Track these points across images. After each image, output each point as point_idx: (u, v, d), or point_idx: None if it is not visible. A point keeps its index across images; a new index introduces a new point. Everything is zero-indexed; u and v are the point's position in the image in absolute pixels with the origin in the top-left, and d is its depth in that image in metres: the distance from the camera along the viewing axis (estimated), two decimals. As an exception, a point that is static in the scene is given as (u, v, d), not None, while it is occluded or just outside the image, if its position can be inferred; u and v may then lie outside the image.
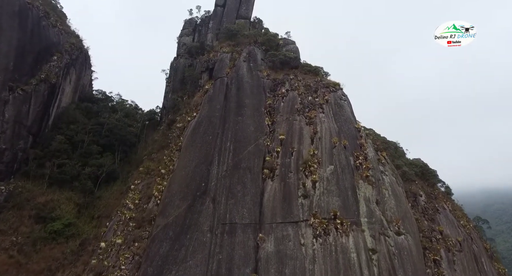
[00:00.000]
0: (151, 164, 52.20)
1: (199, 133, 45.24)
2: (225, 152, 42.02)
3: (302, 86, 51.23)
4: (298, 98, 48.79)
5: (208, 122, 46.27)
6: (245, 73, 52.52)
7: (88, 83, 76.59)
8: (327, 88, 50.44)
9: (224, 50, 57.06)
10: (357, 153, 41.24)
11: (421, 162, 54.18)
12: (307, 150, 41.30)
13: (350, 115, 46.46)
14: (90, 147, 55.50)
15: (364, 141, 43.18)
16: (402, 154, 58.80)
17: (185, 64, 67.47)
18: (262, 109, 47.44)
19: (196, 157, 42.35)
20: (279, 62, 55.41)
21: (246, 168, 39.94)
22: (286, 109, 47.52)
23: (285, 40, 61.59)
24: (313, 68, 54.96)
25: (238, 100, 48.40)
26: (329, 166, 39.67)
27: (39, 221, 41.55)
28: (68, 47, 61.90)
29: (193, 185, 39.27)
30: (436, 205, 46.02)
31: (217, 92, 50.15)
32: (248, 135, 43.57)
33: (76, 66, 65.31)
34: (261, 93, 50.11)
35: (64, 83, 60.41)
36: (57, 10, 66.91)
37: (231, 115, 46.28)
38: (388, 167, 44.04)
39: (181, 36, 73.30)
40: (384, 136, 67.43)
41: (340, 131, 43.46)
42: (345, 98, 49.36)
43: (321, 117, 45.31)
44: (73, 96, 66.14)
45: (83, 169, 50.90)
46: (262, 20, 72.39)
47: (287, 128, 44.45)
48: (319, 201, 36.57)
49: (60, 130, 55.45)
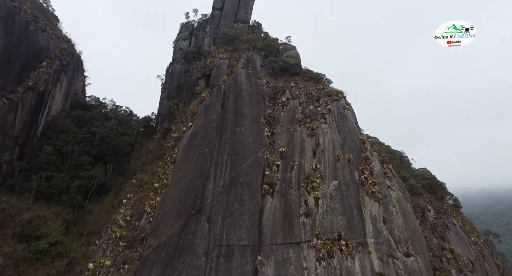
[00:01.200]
0: (144, 176, 50.27)
1: (195, 146, 43.24)
2: (222, 165, 40.03)
3: (304, 95, 49.37)
4: (299, 108, 46.90)
5: (204, 134, 44.29)
6: (243, 81, 50.64)
7: (81, 89, 74.55)
8: (329, 97, 48.58)
9: (221, 56, 55.20)
10: (362, 166, 39.27)
11: (429, 174, 52.25)
12: (309, 164, 39.35)
13: (354, 126, 44.53)
14: (81, 157, 53.40)
15: (369, 154, 41.21)
16: (408, 164, 56.88)
17: (181, 70, 65.63)
18: (261, 119, 45.51)
19: (191, 171, 40.35)
20: (279, 68, 53.58)
21: (244, 183, 37.92)
22: (287, 119, 45.62)
23: (285, 46, 59.77)
24: (315, 75, 53.11)
25: (236, 109, 46.47)
26: (333, 181, 37.70)
27: (23, 239, 39.40)
28: (59, 53, 59.92)
29: (187, 202, 37.24)
30: (445, 220, 44.04)
31: (214, 101, 48.22)
32: (246, 148, 41.59)
33: (67, 72, 63.34)
34: (260, 102, 48.19)
35: (54, 90, 58.41)
36: (47, 13, 65.09)
37: (229, 126, 44.33)
38: (395, 181, 42.08)
39: (177, 41, 71.57)
40: (389, 145, 65.67)
41: (344, 144, 41.51)
42: (349, 108, 47.44)
43: (324, 128, 43.39)
44: (64, 103, 64.10)
45: (72, 182, 48.80)
46: (262, 24, 70.86)
47: (288, 140, 42.51)
48: (322, 220, 34.54)
49: (49, 141, 53.39)
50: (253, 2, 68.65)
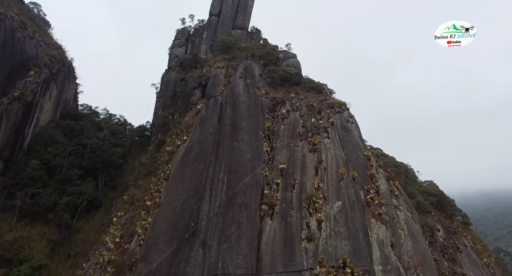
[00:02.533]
0: (136, 192, 48.10)
1: (189, 161, 41.12)
2: (218, 184, 37.91)
3: (305, 106, 47.38)
4: (300, 121, 44.88)
5: (199, 149, 42.19)
6: (241, 91, 48.65)
7: (72, 97, 72.48)
8: (332, 109, 46.57)
9: (218, 65, 53.18)
10: (368, 185, 37.13)
11: (436, 189, 50.21)
12: (311, 182, 37.23)
13: (359, 141, 42.47)
14: (70, 171, 51.33)
15: (375, 171, 39.12)
16: (414, 178, 54.86)
17: (176, 78, 63.77)
18: (260, 133, 43.46)
19: (185, 190, 38.20)
20: (279, 78, 51.63)
21: (242, 204, 35.78)
22: (287, 133, 43.59)
23: (285, 54, 57.86)
24: (316, 85, 51.17)
25: (233, 122, 44.43)
26: (337, 201, 35.54)
27: (4, 264, 37.16)
28: (48, 60, 57.95)
29: (180, 224, 35.05)
30: (456, 242, 41.90)
31: (210, 114, 46.16)
32: (244, 165, 39.49)
33: (57, 80, 61.30)
34: (259, 114, 46.16)
35: (42, 100, 56.36)
36: (36, 19, 63.24)
37: (226, 140, 42.27)
38: (402, 200, 39.99)
39: (173, 47, 69.64)
40: (393, 157, 63.65)
41: (348, 160, 39.42)
42: (352, 120, 45.42)
43: (326, 143, 41.35)
44: (54, 113, 62.04)
45: (60, 198, 46.71)
46: (260, 30, 69.09)
47: (288, 156, 40.44)
48: (325, 245, 32.33)
49: (36, 154, 51.30)
50: (252, 8, 66.88)
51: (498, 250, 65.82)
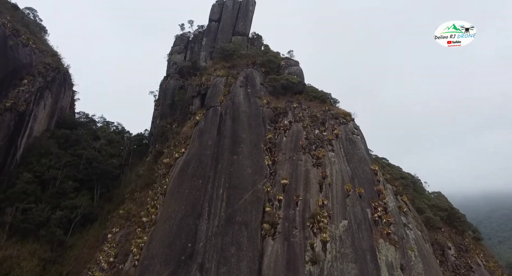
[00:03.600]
0: (132, 206, 46.54)
1: (187, 176, 39.54)
2: (217, 201, 36.28)
3: (308, 117, 45.78)
4: (303, 132, 43.27)
5: (197, 162, 40.62)
6: (241, 101, 47.09)
7: (69, 105, 71.09)
8: (336, 120, 44.95)
9: (218, 74, 51.70)
10: (375, 202, 35.44)
11: (446, 203, 48.43)
12: (315, 199, 35.56)
13: (365, 154, 40.79)
14: (64, 184, 49.73)
15: (382, 187, 37.44)
16: (422, 190, 53.08)
17: (175, 86, 62.23)
18: (261, 145, 41.85)
19: (183, 207, 36.61)
20: (281, 87, 50.05)
21: (242, 222, 34.14)
22: (289, 145, 41.97)
23: (287, 61, 56.31)
24: (320, 95, 49.54)
25: (233, 134, 42.86)
26: (342, 220, 33.85)
27: (-9, 286, 35.49)
28: (43, 68, 56.57)
29: (177, 245, 33.43)
30: (468, 260, 40.08)
31: (209, 125, 44.61)
32: (244, 180, 37.87)
33: (52, 88, 59.89)
34: (260, 126, 44.56)
35: (36, 109, 54.89)
36: (31, 25, 61.90)
37: (225, 153, 40.67)
38: (411, 216, 38.28)
39: (172, 54, 68.20)
40: (399, 166, 61.94)
41: (353, 176, 37.75)
42: (358, 132, 43.77)
43: (331, 157, 39.69)
44: (49, 122, 60.56)
45: (53, 213, 45.00)
46: (262, 36, 67.58)
47: (291, 171, 38.79)
48: (331, 268, 30.62)
49: (29, 166, 49.72)
50: (253, 14, 65.43)
51: (510, 266, 63.67)
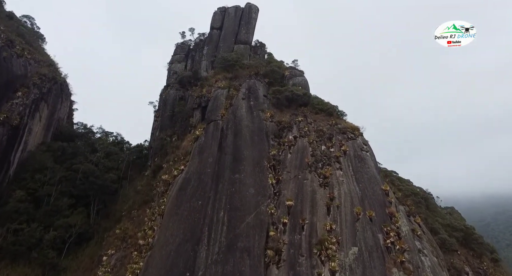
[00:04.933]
0: (129, 226, 44.70)
1: (186, 197, 37.58)
2: (218, 224, 34.25)
3: (313, 132, 43.79)
4: (308, 149, 41.27)
5: (197, 182, 38.67)
6: (244, 115, 45.18)
7: (66, 116, 69.54)
8: (344, 135, 42.92)
9: (219, 85, 49.84)
10: (387, 227, 33.27)
11: (462, 223, 46.09)
12: (322, 223, 33.49)
13: (375, 172, 38.65)
14: (59, 201, 48.06)
15: (394, 209, 35.28)
16: (434, 207, 50.74)
17: (175, 96, 60.54)
18: (264, 162, 39.84)
19: (181, 231, 34.60)
20: (285, 99, 48.13)
21: (244, 248, 32.06)
22: (294, 163, 39.96)
23: (291, 71, 54.40)
24: (326, 108, 47.51)
25: (235, 151, 40.91)
26: (352, 247, 31.74)
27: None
28: (38, 80, 55.06)
29: (174, 273, 31.37)
30: (487, 288, 37.77)
31: (209, 141, 42.70)
32: (247, 201, 35.85)
33: (48, 99, 58.37)
34: (263, 141, 42.60)
35: (31, 122, 53.36)
36: (26, 35, 60.45)
37: (226, 172, 38.70)
38: (426, 240, 36.03)
39: (172, 63, 66.60)
40: (409, 180, 59.72)
41: (363, 197, 35.63)
42: (367, 148, 41.67)
43: (339, 176, 37.63)
44: (45, 135, 58.98)
45: (46, 233, 43.28)
46: (265, 44, 65.80)
47: (296, 191, 36.77)
48: (340, 301, 28.49)
49: (22, 182, 48.11)
50: (256, 21, 63.65)
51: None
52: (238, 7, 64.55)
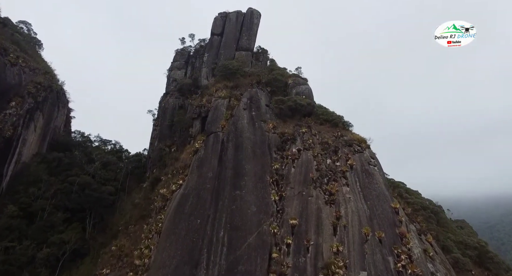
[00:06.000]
0: (125, 243, 42.99)
1: (184, 215, 35.90)
2: (217, 245, 32.54)
3: (318, 144, 42.03)
4: (313, 162, 39.50)
5: (196, 198, 36.99)
6: (245, 126, 43.51)
7: (63, 124, 68.08)
8: (350, 148, 41.12)
9: (219, 95, 48.20)
10: (398, 249, 31.45)
11: (475, 239, 44.10)
12: (328, 245, 31.70)
13: (384, 189, 36.79)
14: (53, 216, 46.41)
15: (405, 229, 33.44)
16: (445, 222, 48.74)
17: (175, 104, 58.99)
18: (266, 177, 38.12)
19: (178, 252, 32.90)
20: (288, 109, 46.42)
21: (245, 272, 30.34)
22: (298, 178, 38.19)
23: (295, 79, 52.66)
24: (331, 118, 45.75)
25: (236, 165, 39.23)
26: (361, 271, 29.96)
27: None
28: (33, 88, 53.61)
29: (171, 300, 29.68)
30: (504, 312, 35.81)
31: (209, 154, 41.03)
32: (248, 220, 34.12)
33: (44, 109, 56.93)
34: (265, 154, 40.89)
35: (25, 133, 51.91)
36: (22, 43, 59.02)
37: (227, 188, 37.01)
38: (439, 262, 34.16)
39: (171, 70, 65.03)
40: (417, 191, 57.77)
41: (372, 216, 33.81)
42: (375, 162, 39.84)
43: (345, 192, 35.82)
44: (41, 145, 57.52)
45: (39, 250, 41.62)
46: (267, 50, 64.08)
47: (300, 209, 34.99)
48: None
49: (15, 196, 46.56)
50: (258, 27, 62.03)
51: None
52: (240, 13, 62.98)
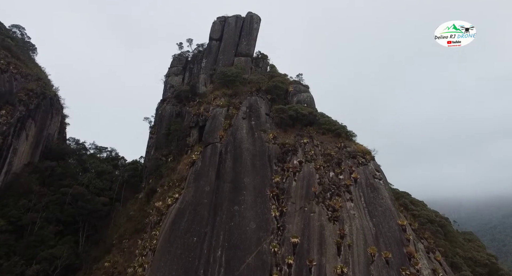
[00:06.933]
0: (119, 259, 41.46)
1: (180, 232, 34.32)
2: (214, 266, 31.01)
3: (321, 156, 40.51)
4: (315, 175, 37.95)
5: (192, 214, 35.44)
6: (244, 137, 42.03)
7: (57, 131, 66.39)
8: (354, 159, 39.58)
9: (218, 103, 46.72)
10: (406, 270, 29.80)
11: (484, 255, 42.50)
12: (332, 265, 30.09)
13: (390, 204, 35.20)
14: (44, 230, 44.85)
15: (413, 248, 31.83)
16: (453, 236, 47.13)
17: (172, 112, 57.48)
18: (266, 191, 36.56)
19: (173, 273, 31.35)
20: (289, 118, 44.90)
21: (244, 296, 28.73)
22: (300, 192, 36.63)
23: (296, 86, 51.18)
24: (334, 128, 44.16)
25: (234, 178, 37.73)
26: (367, 295, 28.27)
27: None
28: (24, 96, 52.21)
29: (165, 326, 28.07)
30: None
31: (206, 166, 39.50)
32: (247, 238, 32.59)
33: (36, 116, 55.42)
34: (265, 166, 39.35)
35: (16, 142, 50.43)
36: (13, 49, 57.55)
37: (225, 203, 35.50)
38: (448, 282, 32.51)
39: (169, 76, 63.53)
40: (423, 202, 56.14)
41: (378, 234, 32.20)
42: (380, 175, 38.27)
43: (349, 208, 34.24)
44: (33, 153, 55.94)
45: (28, 267, 40.01)
46: (267, 55, 62.77)
47: (302, 226, 33.42)
48: None
49: (5, 209, 45.08)
50: (257, 32, 60.58)
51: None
52: (239, 17, 61.55)
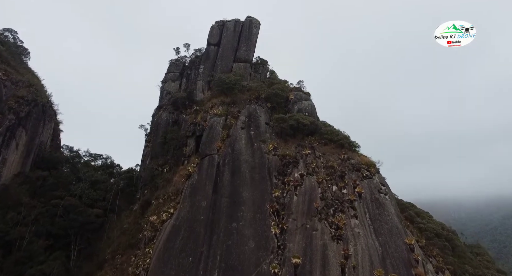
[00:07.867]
0: (111, 276, 39.78)
1: (174, 251, 32.69)
2: (211, 289, 29.33)
3: (323, 168, 38.94)
4: (317, 190, 36.37)
5: (188, 232, 33.83)
6: (243, 148, 40.46)
7: (50, 139, 64.70)
8: (358, 172, 38.01)
9: (215, 112, 45.16)
10: (415, 295, 28.20)
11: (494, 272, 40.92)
12: (336, 289, 28.43)
13: (397, 221, 33.58)
14: (33, 245, 43.11)
15: (422, 269, 30.23)
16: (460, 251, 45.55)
17: (168, 120, 55.85)
18: (266, 207, 34.97)
19: (167, 296, 29.66)
20: (290, 128, 43.34)
21: (242, 323, 27.10)
22: (301, 208, 35.04)
23: (296, 94, 49.61)
24: (337, 138, 42.63)
25: (232, 193, 36.18)
26: (373, 323, 26.66)
27: None
28: (14, 103, 50.64)
29: None
30: None
31: (203, 180, 37.89)
32: (246, 258, 31.00)
33: (27, 124, 53.79)
34: (265, 180, 37.77)
35: (5, 152, 48.87)
36: (3, 54, 56.00)
37: (222, 220, 33.91)
38: (458, 305, 30.89)
39: (165, 82, 61.92)
40: (428, 213, 54.62)
41: (384, 254, 30.59)
42: (385, 190, 36.67)
43: (354, 226, 32.65)
44: (24, 163, 54.24)
45: (16, 285, 38.31)
46: (267, 61, 61.18)
47: (304, 245, 31.80)
48: None
49: (-8, 223, 43.19)
50: (257, 37, 59.03)
51: None
52: (238, 21, 60.02)
